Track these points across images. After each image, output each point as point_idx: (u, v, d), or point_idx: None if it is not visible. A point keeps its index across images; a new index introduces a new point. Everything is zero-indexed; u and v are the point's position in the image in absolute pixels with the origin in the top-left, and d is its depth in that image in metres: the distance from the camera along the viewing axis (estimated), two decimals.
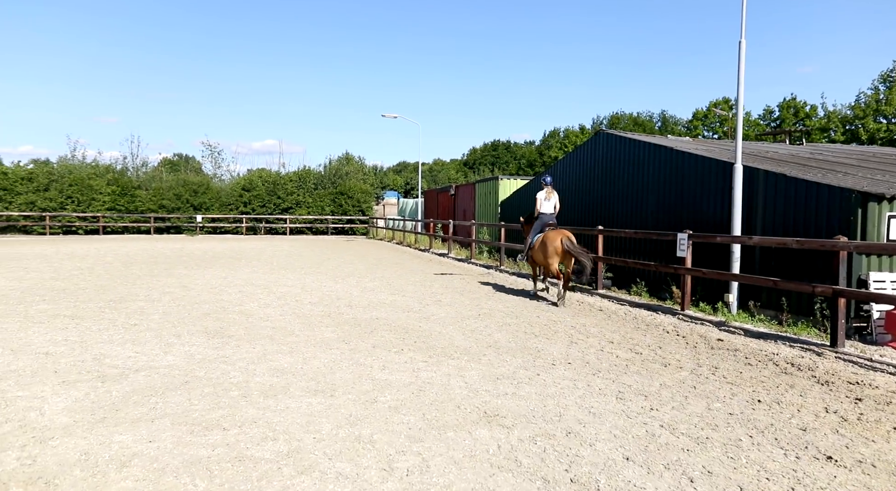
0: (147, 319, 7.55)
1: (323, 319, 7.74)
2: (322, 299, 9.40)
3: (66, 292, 9.79)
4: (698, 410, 4.22)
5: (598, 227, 10.13)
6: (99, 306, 8.43)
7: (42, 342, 6.15)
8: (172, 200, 31.23)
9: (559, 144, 70.20)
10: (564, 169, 14.99)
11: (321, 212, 33.14)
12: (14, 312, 7.89)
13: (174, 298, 9.34)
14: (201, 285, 10.88)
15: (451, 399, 4.43)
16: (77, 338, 6.37)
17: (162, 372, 5.07)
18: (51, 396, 4.40)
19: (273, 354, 5.79)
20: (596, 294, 10.07)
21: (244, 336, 6.59)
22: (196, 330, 6.89)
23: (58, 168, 30.87)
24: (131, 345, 6.09)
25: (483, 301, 9.52)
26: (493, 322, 7.67)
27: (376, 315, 8.06)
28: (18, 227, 29.30)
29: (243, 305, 8.69)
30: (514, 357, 5.79)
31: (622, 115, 69.24)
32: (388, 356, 5.75)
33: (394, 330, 7.05)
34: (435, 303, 9.23)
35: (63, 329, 6.83)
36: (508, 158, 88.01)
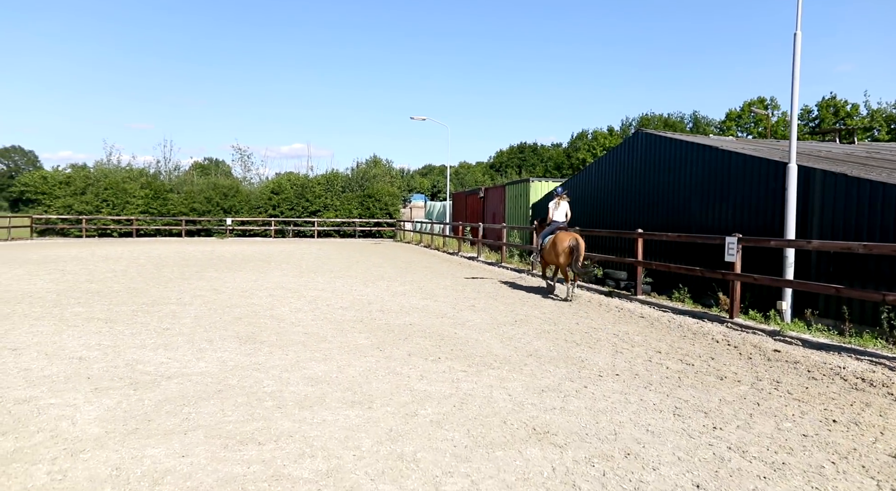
0: (179, 323, 7.47)
1: (355, 324, 7.56)
2: (353, 304, 9.23)
3: (100, 295, 9.82)
4: (767, 430, 3.87)
5: (637, 231, 9.73)
6: (132, 309, 8.40)
7: (76, 347, 6.09)
8: (203, 203, 31.65)
9: (587, 146, 69.31)
10: (600, 171, 14.56)
11: (349, 215, 33.19)
12: (50, 315, 7.90)
13: (205, 301, 9.28)
14: (232, 289, 10.83)
15: (496, 413, 4.17)
16: (110, 342, 6.30)
17: (194, 380, 4.92)
18: (83, 404, 4.28)
19: (307, 361, 5.61)
20: (636, 300, 9.68)
21: (276, 342, 6.43)
22: (228, 335, 6.77)
23: (94, 172, 31.57)
24: (163, 350, 5.98)
25: (518, 306, 9.23)
26: (530, 329, 7.37)
27: (409, 321, 7.84)
28: (57, 229, 30.05)
29: (274, 310, 8.57)
30: (557, 367, 5.50)
31: (652, 117, 68.02)
32: (426, 365, 5.52)
33: (429, 336, 6.82)
34: (469, 308, 8.98)
35: (97, 333, 6.78)
36: (535, 161, 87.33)
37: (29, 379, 4.89)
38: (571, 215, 11.05)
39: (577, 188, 15.93)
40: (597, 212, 14.70)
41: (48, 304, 8.83)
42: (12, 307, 8.51)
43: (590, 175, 15.16)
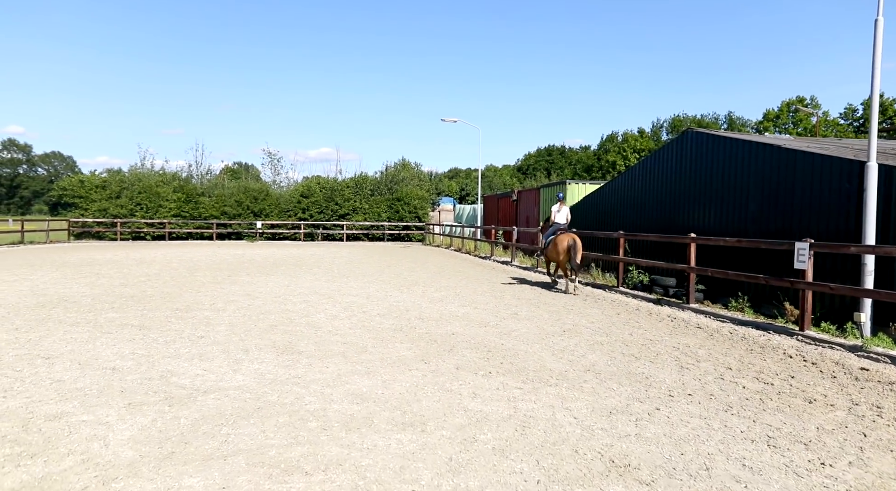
0: (213, 330, 7.21)
1: (395, 333, 7.19)
2: (390, 310, 8.88)
3: (134, 299, 9.68)
4: (890, 469, 3.35)
5: (690, 235, 9.15)
6: (165, 315, 8.19)
7: (109, 355, 5.85)
8: (234, 207, 31.85)
9: (617, 148, 68.15)
10: (644, 172, 13.91)
11: (377, 218, 33.02)
12: (84, 321, 7.73)
13: (239, 307, 9.04)
14: (265, 294, 10.59)
15: (565, 440, 3.73)
16: (144, 351, 6.05)
17: (232, 395, 4.60)
18: (116, 421, 3.98)
19: (348, 374, 5.25)
20: (688, 309, 9.10)
21: (315, 353, 6.09)
22: (264, 344, 6.46)
23: (128, 176, 32.03)
24: (198, 361, 5.69)
25: (563, 315, 8.75)
26: (581, 340, 6.90)
27: (451, 330, 7.44)
28: (93, 232, 30.56)
29: (310, 317, 8.26)
30: (620, 385, 5.02)
31: (684, 118, 66.57)
32: (476, 380, 5.10)
33: (475, 348, 6.40)
34: (511, 316, 8.54)
35: (130, 340, 6.55)
36: (563, 163, 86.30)
37: (61, 391, 4.64)
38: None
39: (618, 190, 15.33)
40: (642, 215, 14.04)
41: (83, 309, 8.69)
42: (48, 312, 8.39)
43: (633, 177, 14.54)
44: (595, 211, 16.47)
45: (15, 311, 8.42)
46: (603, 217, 15.95)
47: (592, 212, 16.61)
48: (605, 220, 15.79)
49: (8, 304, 9.06)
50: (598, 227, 16.07)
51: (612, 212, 15.47)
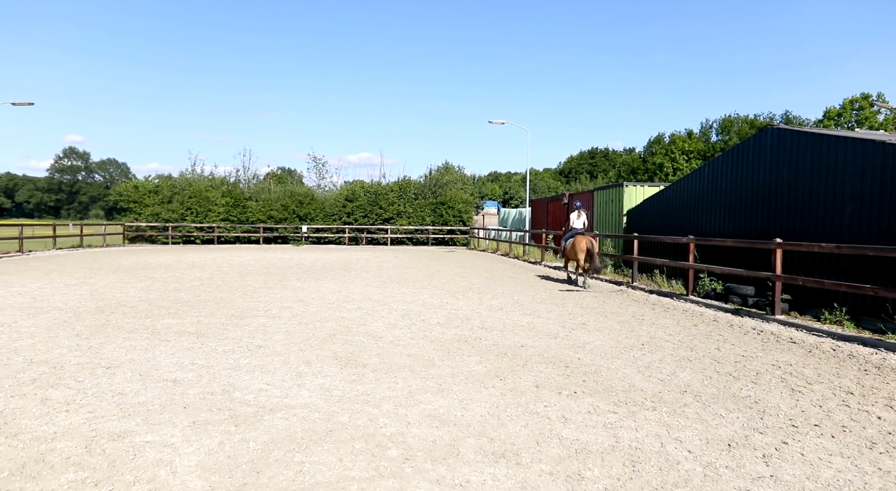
0: (271, 339, 6.94)
1: (460, 344, 6.75)
2: (450, 319, 8.45)
3: (189, 305, 9.57)
4: None
5: (775, 241, 8.38)
6: (221, 322, 8.00)
7: (169, 366, 5.61)
8: (280, 211, 32.16)
9: (664, 150, 66.13)
10: (714, 174, 13.01)
11: (421, 222, 32.77)
12: (142, 327, 7.60)
13: (294, 314, 8.79)
14: (318, 300, 10.34)
15: (687, 481, 3.20)
16: (204, 362, 5.80)
17: (300, 414, 4.24)
18: (181, 443, 3.67)
19: (420, 392, 4.84)
20: (773, 320, 8.34)
21: (380, 366, 5.71)
22: (325, 355, 6.13)
23: (179, 181, 32.78)
24: (260, 373, 5.39)
25: (635, 326, 8.14)
26: (665, 355, 6.30)
27: (520, 341, 6.95)
28: (146, 236, 31.39)
29: (368, 325, 7.92)
30: (728, 410, 4.44)
31: (735, 118, 64.06)
32: (562, 401, 4.61)
33: (550, 363, 5.90)
34: (580, 327, 7.98)
35: (189, 349, 6.33)
36: (607, 166, 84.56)
37: (123, 406, 4.38)
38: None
39: (684, 193, 14.46)
40: (711, 219, 13.14)
41: (140, 314, 8.60)
42: (107, 317, 8.33)
43: (700, 179, 13.66)
44: (657, 214, 15.64)
45: (76, 315, 8.39)
46: (666, 221, 15.12)
47: (653, 215, 15.79)
48: (668, 224, 14.97)
49: (70, 308, 9.07)
50: (660, 231, 15.24)
51: (676, 215, 14.62)
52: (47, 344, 6.54)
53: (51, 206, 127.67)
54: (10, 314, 8.45)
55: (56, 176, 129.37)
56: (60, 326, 7.56)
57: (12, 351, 6.18)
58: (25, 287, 11.73)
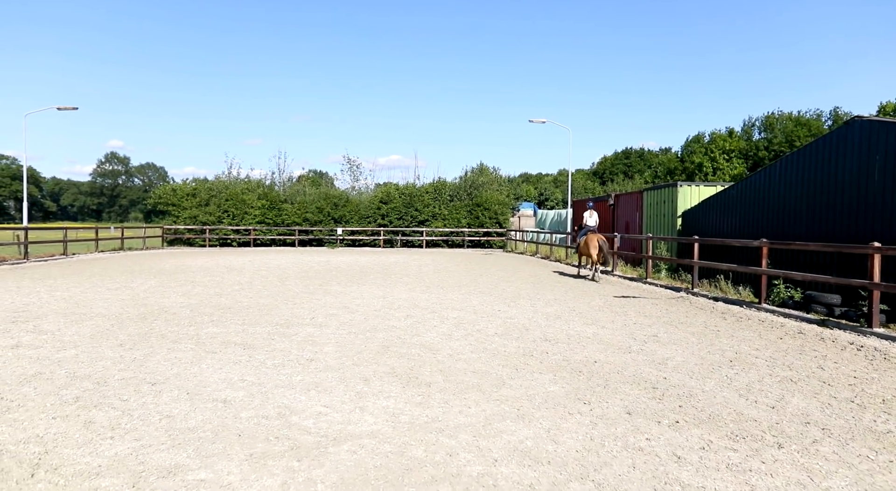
0: (322, 351, 6.47)
1: (526, 359, 6.16)
2: (507, 329, 7.87)
3: (232, 311, 9.22)
4: None
5: (872, 245, 7.54)
6: (267, 332, 7.58)
7: (217, 383, 5.18)
8: (315, 213, 32.05)
9: (703, 150, 64.14)
10: (788, 171, 11.91)
11: (457, 224, 32.24)
12: (186, 336, 7.23)
13: (341, 323, 8.33)
14: (363, 306, 9.88)
15: None
16: (254, 378, 5.35)
17: (368, 446, 3.72)
18: (240, 483, 3.18)
19: (498, 418, 4.27)
20: (872, 334, 7.49)
21: (445, 385, 5.17)
22: (382, 371, 5.62)
23: (216, 184, 32.98)
24: (316, 393, 4.90)
25: (712, 338, 7.41)
26: (762, 375, 5.58)
27: (591, 356, 6.32)
28: (184, 239, 31.66)
29: (421, 336, 7.40)
30: (874, 451, 3.74)
31: (779, 116, 61.72)
32: (665, 434, 3.98)
33: (634, 383, 5.26)
34: (651, 339, 7.30)
35: (236, 363, 5.90)
36: (642, 166, 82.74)
37: (172, 433, 3.94)
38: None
39: (750, 192, 13.41)
40: (785, 221, 12.03)
41: (183, 322, 8.27)
42: (150, 325, 8.01)
43: (771, 177, 12.66)
44: (718, 216, 14.65)
45: (118, 323, 8.11)
46: (730, 223, 14.13)
47: (714, 217, 14.80)
48: (732, 226, 13.98)
49: (111, 314, 8.82)
50: (722, 233, 14.28)
51: (743, 217, 13.62)
52: (90, 355, 6.21)
53: (93, 210, 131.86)
54: (53, 321, 8.22)
55: (98, 180, 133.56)
56: (103, 335, 7.26)
57: (56, 363, 5.85)
58: (69, 291, 11.61)
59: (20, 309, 9.28)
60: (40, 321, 8.19)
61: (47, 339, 7.02)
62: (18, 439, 3.81)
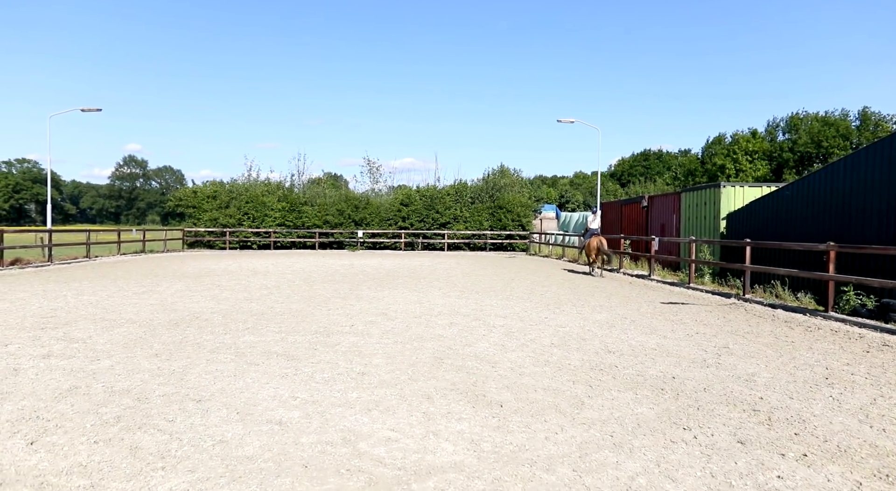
0: (371, 364, 6.00)
1: (597, 375, 5.63)
2: (563, 339, 7.34)
3: (265, 318, 8.79)
4: None
5: None
6: (308, 341, 7.13)
7: (268, 400, 4.71)
8: (335, 216, 31.71)
9: (725, 151, 63.01)
10: (853, 171, 11.15)
11: (479, 227, 31.71)
12: (223, 345, 6.80)
13: (383, 331, 7.86)
14: (402, 313, 9.41)
15: None
16: (306, 395, 4.88)
17: (458, 483, 3.23)
18: None
19: (594, 447, 3.75)
20: None
21: (518, 405, 4.66)
22: (444, 388, 5.12)
23: (236, 186, 32.78)
24: (378, 413, 4.42)
25: (792, 351, 6.81)
26: (874, 396, 4.99)
27: (666, 371, 5.77)
28: (204, 241, 31.49)
29: (472, 346, 6.89)
30: None
31: (804, 116, 60.38)
32: (799, 471, 3.43)
33: (729, 404, 4.71)
34: (724, 351, 6.73)
35: (283, 376, 5.44)
36: (661, 168, 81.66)
37: (229, 463, 3.47)
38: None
39: (808, 192, 12.56)
40: (851, 223, 11.24)
41: (217, 329, 7.84)
42: (183, 332, 7.60)
43: (835, 176, 11.86)
44: (769, 218, 13.87)
45: (151, 330, 7.70)
46: (783, 225, 13.35)
47: (764, 219, 14.02)
48: (787, 229, 13.22)
49: (142, 321, 8.43)
50: (774, 236, 13.50)
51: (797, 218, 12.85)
52: (126, 366, 5.78)
53: (111, 212, 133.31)
54: (84, 327, 7.84)
55: (117, 183, 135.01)
56: (137, 344, 6.85)
57: (91, 375, 5.43)
58: (96, 296, 11.28)
59: (48, 314, 8.94)
60: (70, 328, 7.82)
61: (79, 348, 6.62)
62: (60, 469, 3.37)
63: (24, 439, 3.82)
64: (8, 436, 3.89)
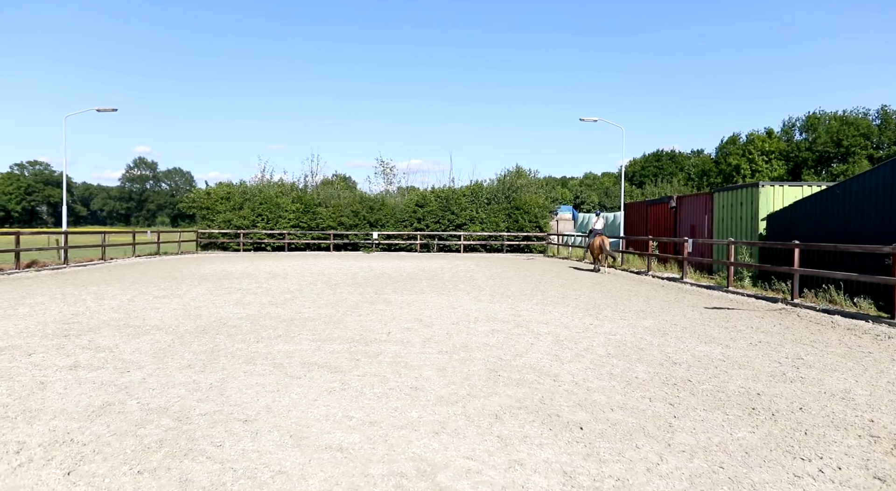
0: (421, 376, 5.54)
1: (671, 390, 5.14)
2: (618, 348, 6.85)
3: (296, 324, 8.36)
4: None
5: None
6: (347, 350, 6.68)
7: (320, 420, 4.26)
8: (350, 217, 31.32)
9: (740, 151, 62.19)
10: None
11: (495, 228, 31.21)
12: (258, 355, 6.36)
13: (424, 339, 7.40)
14: (437, 319, 8.96)
15: None
16: (360, 414, 4.42)
17: None
18: None
19: (706, 484, 3.28)
20: None
21: (598, 426, 4.18)
22: (510, 405, 4.65)
23: (250, 188, 32.46)
24: (448, 437, 3.96)
25: (874, 364, 6.28)
26: None
27: (746, 386, 5.27)
28: (218, 243, 31.18)
29: (524, 356, 6.42)
30: None
31: (822, 115, 59.44)
32: None
33: (838, 427, 4.20)
34: (799, 363, 6.21)
35: (330, 392, 4.99)
36: (673, 169, 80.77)
37: None
38: None
39: (863, 190, 11.97)
40: None
41: (248, 337, 7.42)
42: (212, 340, 7.18)
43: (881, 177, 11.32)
44: (818, 218, 13.23)
45: (179, 338, 7.28)
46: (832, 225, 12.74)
47: (811, 219, 13.35)
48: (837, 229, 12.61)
49: (168, 327, 8.02)
50: (822, 237, 12.86)
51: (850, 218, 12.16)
52: (159, 379, 5.36)
53: (122, 214, 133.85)
54: (108, 335, 7.44)
55: (127, 185, 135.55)
56: (167, 353, 6.43)
57: (123, 389, 5.01)
58: (116, 300, 10.90)
59: (70, 320, 8.55)
60: (94, 335, 7.41)
61: (106, 357, 6.21)
62: None
63: (59, 469, 3.39)
64: (42, 464, 3.46)
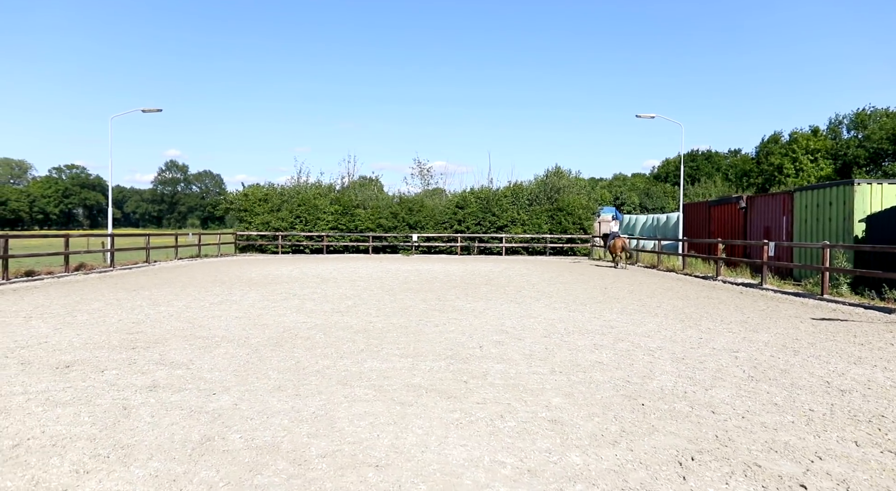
0: (551, 405, 4.75)
1: (871, 428, 4.24)
2: (757, 370, 5.95)
3: (373, 337, 7.64)
4: None
5: None
6: (447, 368, 5.91)
7: (465, 465, 3.51)
8: (389, 219, 30.72)
9: (783, 150, 59.90)
10: None
11: (538, 230, 30.26)
12: (350, 375, 5.63)
13: (523, 355, 6.61)
14: (521, 329, 8.17)
15: None
16: (513, 459, 3.65)
17: None
18: None
19: None
20: None
21: (823, 485, 3.31)
22: (686, 447, 3.83)
23: (287, 189, 32.09)
24: None
25: None
26: None
27: None
28: (256, 245, 30.87)
29: (654, 379, 5.57)
30: None
31: (872, 112, 56.89)
32: None
33: None
34: None
35: (457, 426, 4.22)
36: (709, 169, 78.50)
37: None
38: None
39: None
40: None
41: (328, 351, 6.72)
42: (291, 354, 6.49)
43: None
44: None
45: (254, 352, 6.61)
46: None
47: None
48: None
49: (237, 339, 7.37)
50: None
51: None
52: (252, 405, 4.66)
53: (154, 216, 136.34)
54: (178, 347, 6.81)
55: (159, 188, 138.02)
56: (248, 371, 5.75)
57: (217, 419, 4.31)
58: (171, 306, 10.36)
59: (133, 329, 7.97)
60: (163, 348, 6.79)
61: (184, 375, 5.55)
62: None
63: None
64: None
